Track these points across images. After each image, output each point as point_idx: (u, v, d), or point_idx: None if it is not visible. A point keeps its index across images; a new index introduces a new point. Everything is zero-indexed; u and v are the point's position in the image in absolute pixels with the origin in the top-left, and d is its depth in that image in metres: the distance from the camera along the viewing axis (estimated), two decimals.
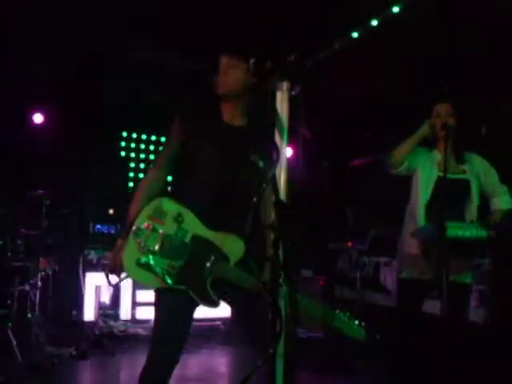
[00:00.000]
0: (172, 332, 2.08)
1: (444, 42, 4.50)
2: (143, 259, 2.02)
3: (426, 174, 2.96)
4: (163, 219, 2.06)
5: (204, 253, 2.03)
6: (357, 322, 2.02)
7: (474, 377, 3.11)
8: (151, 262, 2.02)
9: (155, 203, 2.09)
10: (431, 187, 2.91)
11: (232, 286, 2.02)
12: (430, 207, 2.89)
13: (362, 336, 2.02)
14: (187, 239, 2.05)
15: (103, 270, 2.23)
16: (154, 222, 2.06)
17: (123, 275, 2.12)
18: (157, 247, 2.03)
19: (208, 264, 2.02)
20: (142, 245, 2.03)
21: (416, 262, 2.94)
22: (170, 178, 2.31)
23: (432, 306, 3.15)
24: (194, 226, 2.06)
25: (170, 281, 2.01)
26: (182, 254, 2.03)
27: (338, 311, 2.04)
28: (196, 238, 2.05)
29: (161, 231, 2.05)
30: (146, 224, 2.06)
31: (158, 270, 2.01)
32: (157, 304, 2.13)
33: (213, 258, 2.02)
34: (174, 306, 2.07)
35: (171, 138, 2.23)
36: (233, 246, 2.01)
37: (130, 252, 2.05)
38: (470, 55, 4.46)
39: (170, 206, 2.08)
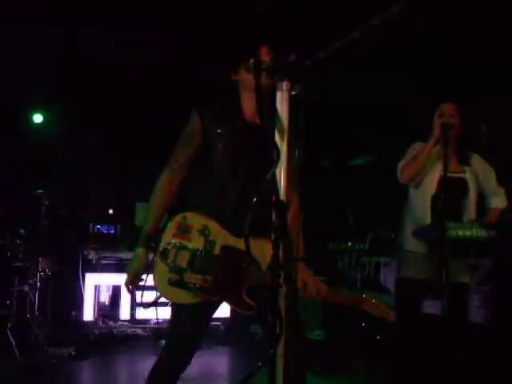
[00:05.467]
0: (187, 342, 2.08)
1: (444, 42, 4.50)
2: (175, 278, 1.98)
3: (430, 172, 2.96)
4: (189, 235, 2.01)
5: (235, 262, 1.98)
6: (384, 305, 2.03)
7: (474, 377, 3.10)
8: (184, 279, 1.97)
9: (178, 220, 2.03)
10: (436, 184, 2.90)
11: (265, 289, 1.98)
12: (435, 204, 2.89)
13: (392, 318, 2.03)
14: (216, 251, 2.00)
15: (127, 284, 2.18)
16: (181, 240, 2.00)
17: (157, 295, 2.05)
18: (187, 264, 1.98)
19: (241, 273, 1.97)
20: (171, 264, 1.99)
21: (415, 261, 2.94)
22: None
23: (432, 306, 3.15)
24: (221, 236, 2.01)
25: (205, 295, 1.98)
26: (214, 266, 1.99)
27: (365, 295, 2.05)
28: (225, 249, 2.00)
29: (189, 247, 2.00)
30: (172, 243, 2.01)
31: (191, 286, 1.97)
32: (175, 316, 2.11)
33: (244, 265, 1.97)
34: (191, 320, 2.05)
35: (189, 136, 2.12)
36: (262, 251, 1.91)
37: (160, 273, 2.00)
38: (470, 55, 4.46)
39: (194, 220, 2.02)
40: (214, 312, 2.15)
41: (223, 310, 5.54)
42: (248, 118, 2.13)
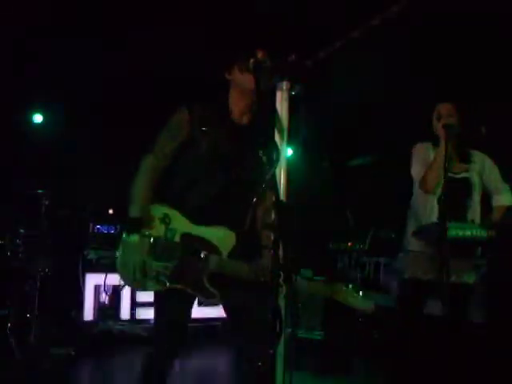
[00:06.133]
0: (169, 328, 2.13)
1: (444, 42, 4.50)
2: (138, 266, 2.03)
3: None
4: (152, 224, 2.07)
5: (195, 249, 2.04)
6: (361, 294, 2.02)
7: (474, 377, 3.11)
8: (146, 267, 2.02)
9: None
10: (441, 185, 2.89)
11: (230, 279, 2.02)
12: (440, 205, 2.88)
13: (369, 306, 2.04)
14: (177, 238, 2.06)
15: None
16: (144, 229, 2.06)
17: (122, 283, 2.10)
18: (149, 252, 2.03)
19: (201, 259, 2.02)
20: None
21: (418, 261, 2.94)
22: None
23: (434, 307, 3.15)
24: (181, 224, 2.07)
25: (166, 282, 2.02)
26: (175, 253, 2.04)
27: (340, 284, 2.03)
28: (185, 236, 2.06)
29: (151, 235, 2.05)
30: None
31: (153, 273, 2.02)
32: (155, 303, 2.17)
33: (205, 252, 2.03)
34: (170, 305, 2.10)
35: (177, 128, 2.16)
36: (223, 238, 2.02)
37: (123, 262, 2.05)
38: (470, 55, 4.46)
39: (156, 209, 2.10)
40: (193, 298, 2.15)
41: (223, 310, 5.53)
42: (236, 118, 2.15)
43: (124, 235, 2.08)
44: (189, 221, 2.07)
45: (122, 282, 2.08)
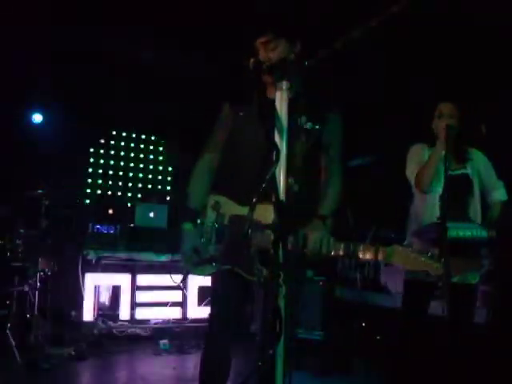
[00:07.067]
0: (223, 314, 2.23)
1: (444, 42, 4.50)
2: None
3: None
4: (206, 212, 2.23)
5: (241, 229, 2.08)
6: (429, 254, 1.87)
7: (474, 377, 3.10)
8: (202, 253, 2.17)
9: None
10: (441, 185, 2.89)
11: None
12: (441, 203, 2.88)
13: (437, 268, 1.81)
14: (226, 221, 2.17)
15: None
16: (200, 218, 2.24)
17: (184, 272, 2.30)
18: (203, 239, 2.19)
19: (247, 237, 2.06)
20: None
21: None
22: None
23: (436, 307, 3.15)
24: (229, 208, 2.16)
25: (218, 264, 2.16)
26: (225, 236, 2.15)
27: (396, 245, 1.96)
28: (232, 218, 2.15)
29: (205, 223, 2.21)
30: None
31: (208, 256, 2.17)
32: (211, 289, 2.30)
33: (249, 231, 2.04)
34: (224, 289, 2.21)
35: (221, 123, 2.33)
36: (265, 214, 1.98)
37: (183, 249, 2.21)
38: (470, 54, 4.46)
39: (208, 199, 2.24)
40: (247, 284, 2.16)
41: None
42: (271, 94, 2.16)
43: (182, 225, 2.24)
44: (235, 203, 2.15)
45: (185, 271, 2.24)
